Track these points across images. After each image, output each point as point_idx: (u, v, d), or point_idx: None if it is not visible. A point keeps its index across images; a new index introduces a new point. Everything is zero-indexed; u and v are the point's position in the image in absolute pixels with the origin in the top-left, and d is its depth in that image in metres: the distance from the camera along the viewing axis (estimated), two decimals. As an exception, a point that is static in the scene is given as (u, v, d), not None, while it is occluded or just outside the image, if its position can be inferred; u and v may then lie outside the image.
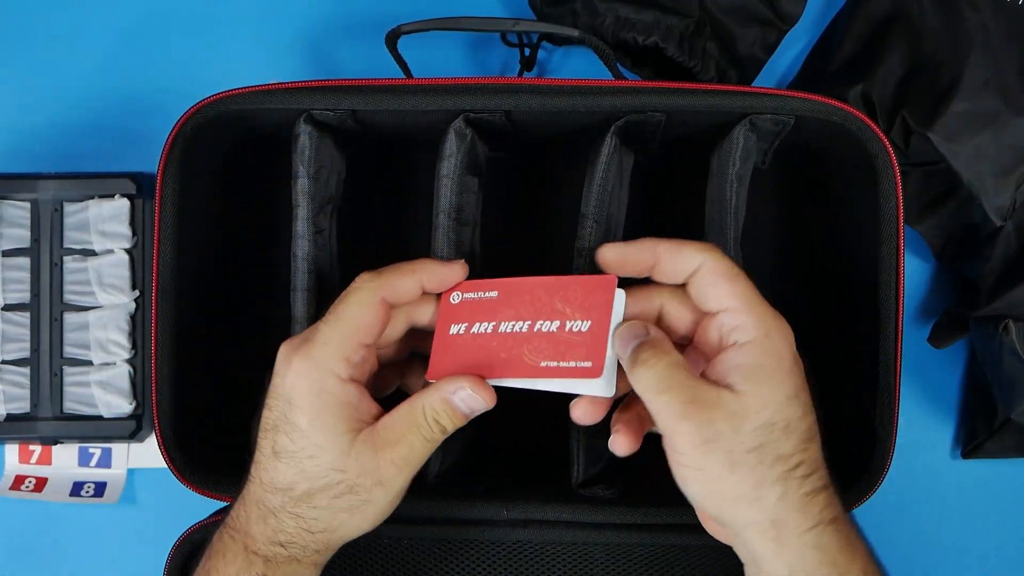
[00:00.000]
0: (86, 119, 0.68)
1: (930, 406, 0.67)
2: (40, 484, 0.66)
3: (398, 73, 0.60)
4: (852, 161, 0.55)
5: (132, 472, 0.68)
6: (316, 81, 0.53)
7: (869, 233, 0.54)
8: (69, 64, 0.68)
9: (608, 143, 0.52)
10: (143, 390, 0.65)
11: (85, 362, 0.65)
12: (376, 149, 0.59)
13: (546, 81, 0.53)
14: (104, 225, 0.64)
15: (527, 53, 0.66)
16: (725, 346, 0.45)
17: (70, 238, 0.65)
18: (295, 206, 0.53)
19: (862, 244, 0.55)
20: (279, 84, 0.53)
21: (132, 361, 0.65)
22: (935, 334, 0.64)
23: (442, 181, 0.52)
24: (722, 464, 0.43)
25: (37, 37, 0.69)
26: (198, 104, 0.53)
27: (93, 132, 0.68)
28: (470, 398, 0.47)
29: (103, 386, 0.64)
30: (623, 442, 0.48)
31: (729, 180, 0.52)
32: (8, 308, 0.65)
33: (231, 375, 0.60)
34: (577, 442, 0.53)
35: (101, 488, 0.66)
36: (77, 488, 0.66)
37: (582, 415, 0.48)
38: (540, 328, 0.47)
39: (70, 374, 0.65)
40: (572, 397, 0.48)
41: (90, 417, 0.65)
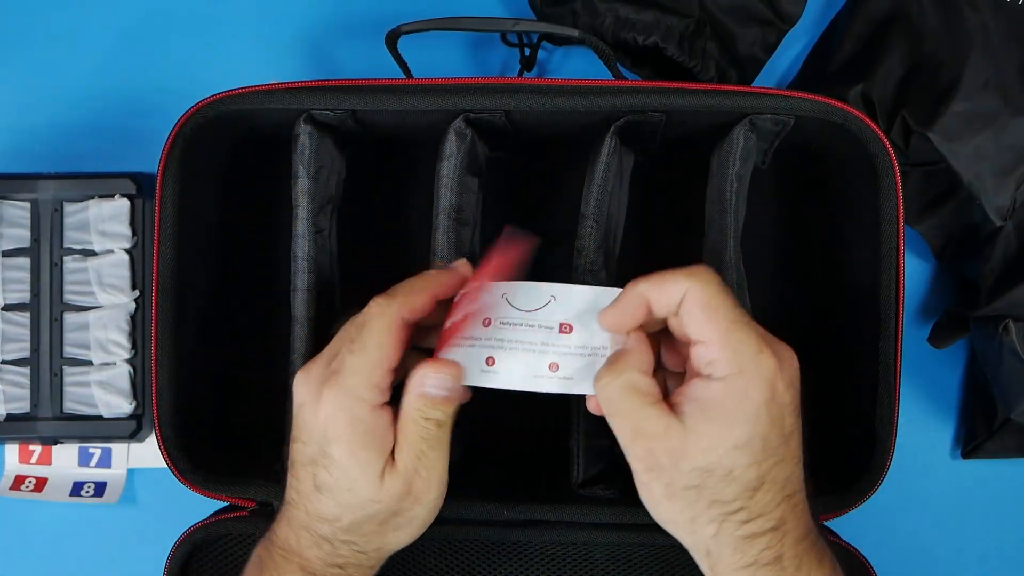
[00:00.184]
0: (86, 119, 0.68)
1: (930, 406, 0.67)
2: (40, 484, 0.66)
3: (398, 73, 0.60)
4: (852, 161, 0.55)
5: (132, 472, 0.68)
6: (316, 81, 0.53)
7: (869, 233, 0.54)
8: (69, 64, 0.68)
9: (608, 143, 0.52)
10: (143, 390, 0.65)
11: (85, 362, 0.65)
12: (376, 149, 0.59)
13: (546, 81, 0.53)
14: (104, 225, 0.64)
15: (527, 53, 0.66)
16: (700, 375, 0.44)
17: (70, 238, 0.64)
18: (295, 206, 0.53)
19: (862, 244, 0.55)
20: (279, 84, 0.53)
21: (132, 361, 0.65)
22: (935, 334, 0.64)
23: (442, 181, 0.52)
24: (661, 492, 0.43)
25: (37, 37, 0.69)
26: (198, 104, 0.53)
27: (93, 132, 0.68)
28: (436, 380, 0.47)
29: (103, 386, 0.64)
30: None
31: (729, 180, 0.52)
32: (8, 308, 0.65)
33: (231, 375, 0.60)
34: (577, 442, 0.53)
35: (101, 488, 0.66)
36: (77, 488, 0.66)
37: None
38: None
39: (70, 374, 0.65)
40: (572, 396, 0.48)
41: (90, 417, 0.65)
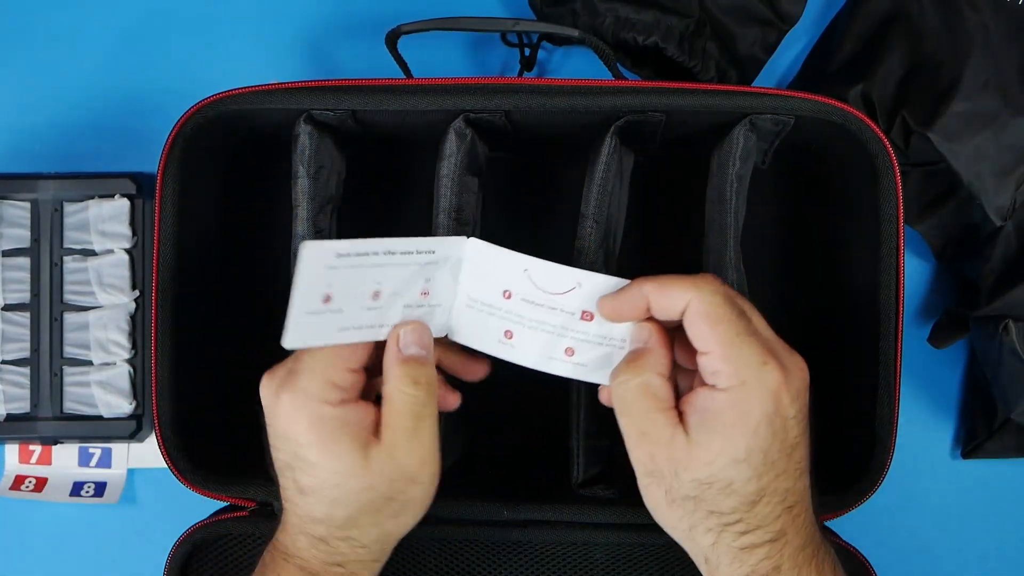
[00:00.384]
0: (86, 119, 0.68)
1: (930, 406, 0.67)
2: (40, 484, 0.66)
3: (398, 73, 0.60)
4: (852, 161, 0.55)
5: (132, 472, 0.68)
6: (316, 81, 0.53)
7: (869, 233, 0.54)
8: (69, 64, 0.68)
9: (608, 143, 0.52)
10: (143, 390, 0.65)
11: (85, 362, 0.65)
12: (376, 149, 0.59)
13: (546, 81, 0.53)
14: (104, 225, 0.64)
15: (527, 53, 0.66)
16: (705, 384, 0.44)
17: (70, 238, 0.64)
18: (295, 206, 0.53)
19: (862, 244, 0.55)
20: (279, 84, 0.53)
21: (132, 361, 0.65)
22: (935, 334, 0.64)
23: (442, 181, 0.52)
24: (661, 497, 0.44)
25: (37, 37, 0.69)
26: (198, 104, 0.53)
27: (93, 132, 0.68)
28: (410, 336, 0.46)
29: (103, 386, 0.64)
30: None
31: (729, 180, 0.52)
32: (8, 308, 0.65)
33: (231, 375, 0.59)
34: (577, 442, 0.53)
35: (101, 488, 0.66)
36: (77, 488, 0.66)
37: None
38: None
39: (70, 374, 0.65)
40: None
41: (90, 417, 0.65)
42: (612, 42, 0.61)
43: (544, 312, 0.48)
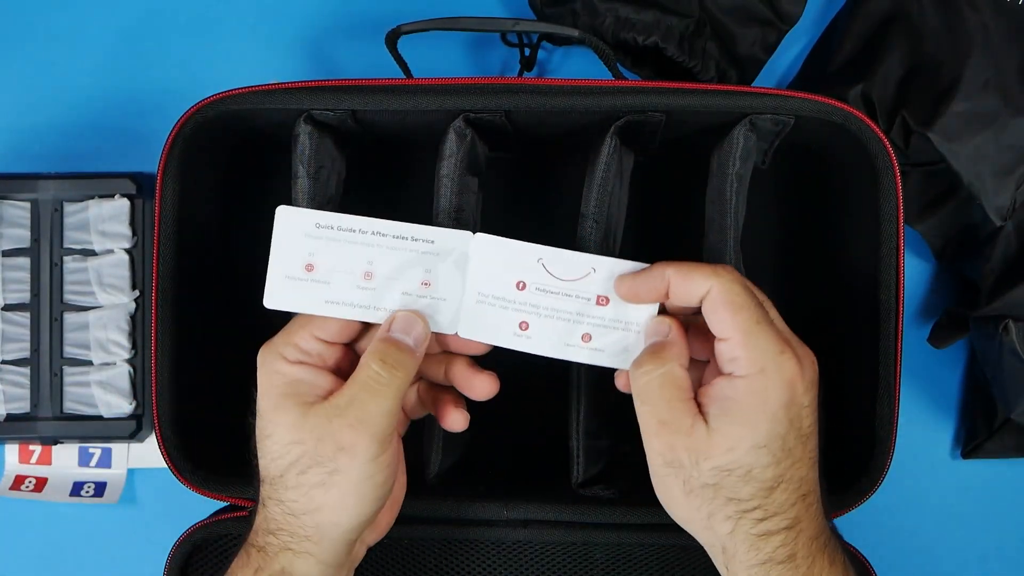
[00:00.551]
0: (86, 119, 0.68)
1: (930, 406, 0.67)
2: (40, 484, 0.66)
3: (398, 73, 0.60)
4: (852, 161, 0.55)
5: (132, 472, 0.68)
6: (316, 81, 0.53)
7: (869, 233, 0.54)
8: (69, 64, 0.68)
9: (608, 143, 0.52)
10: (143, 390, 0.65)
11: (85, 362, 0.65)
12: (376, 149, 0.59)
13: (546, 81, 0.53)
14: (104, 225, 0.64)
15: (527, 53, 0.66)
16: (723, 373, 0.45)
17: (70, 238, 0.65)
18: (295, 206, 0.53)
19: (862, 244, 0.55)
20: (279, 84, 0.53)
21: (132, 361, 0.65)
22: (935, 334, 0.64)
23: (442, 181, 0.52)
24: (678, 488, 0.44)
25: (37, 37, 0.69)
26: (198, 104, 0.53)
27: (93, 132, 0.68)
28: (402, 322, 0.47)
29: (103, 386, 0.64)
30: None
31: (729, 180, 0.52)
32: (8, 308, 0.65)
33: (231, 375, 0.59)
34: (577, 442, 0.53)
35: (101, 488, 0.66)
36: (77, 488, 0.66)
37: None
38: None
39: (70, 374, 0.65)
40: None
41: (90, 417, 0.65)
42: (612, 42, 0.61)
43: (560, 300, 0.48)
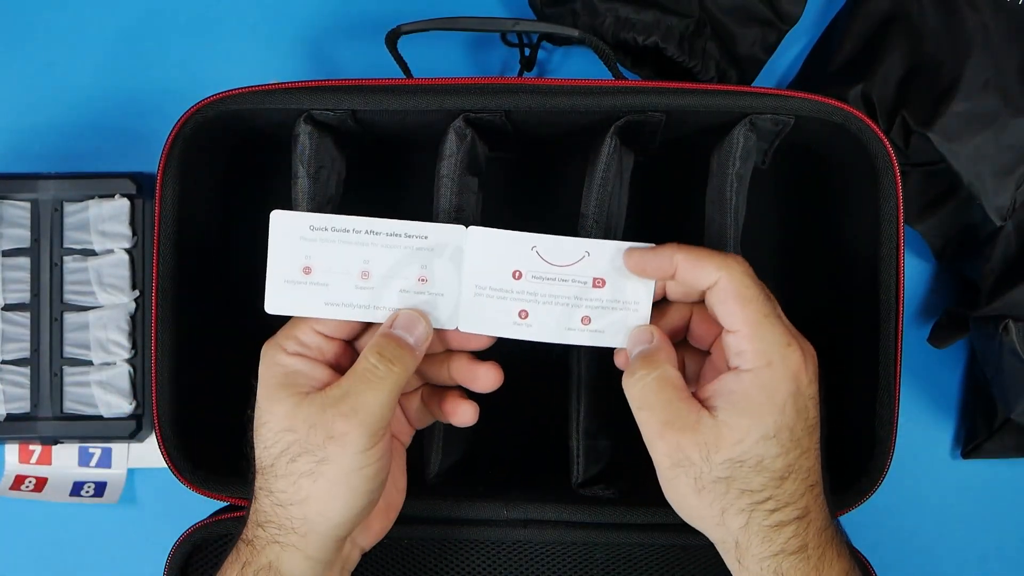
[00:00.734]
0: (86, 119, 0.68)
1: (930, 406, 0.67)
2: (40, 484, 0.66)
3: (398, 73, 0.60)
4: (852, 161, 0.55)
5: (132, 472, 0.68)
6: (316, 81, 0.53)
7: (869, 233, 0.54)
8: (69, 64, 0.68)
9: (608, 143, 0.52)
10: (143, 390, 0.65)
11: (85, 362, 0.65)
12: (376, 149, 0.59)
13: (546, 81, 0.53)
14: (104, 225, 0.64)
15: (527, 53, 0.66)
16: (728, 367, 0.45)
17: (70, 238, 0.64)
18: (295, 206, 0.53)
19: (862, 244, 0.55)
20: (279, 84, 0.53)
21: (132, 361, 0.65)
22: (935, 334, 0.64)
23: (442, 181, 0.52)
24: (689, 487, 0.44)
25: (37, 37, 0.69)
26: (198, 104, 0.53)
27: (93, 132, 0.68)
28: (404, 320, 0.48)
29: (103, 386, 0.64)
30: None
31: (729, 180, 0.52)
32: (8, 308, 0.65)
33: (231, 375, 0.59)
34: (577, 442, 0.53)
35: (101, 488, 0.66)
36: (77, 488, 0.66)
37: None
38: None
39: (70, 374, 0.65)
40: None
41: (90, 417, 0.65)
42: (612, 42, 0.61)
43: (557, 285, 0.49)
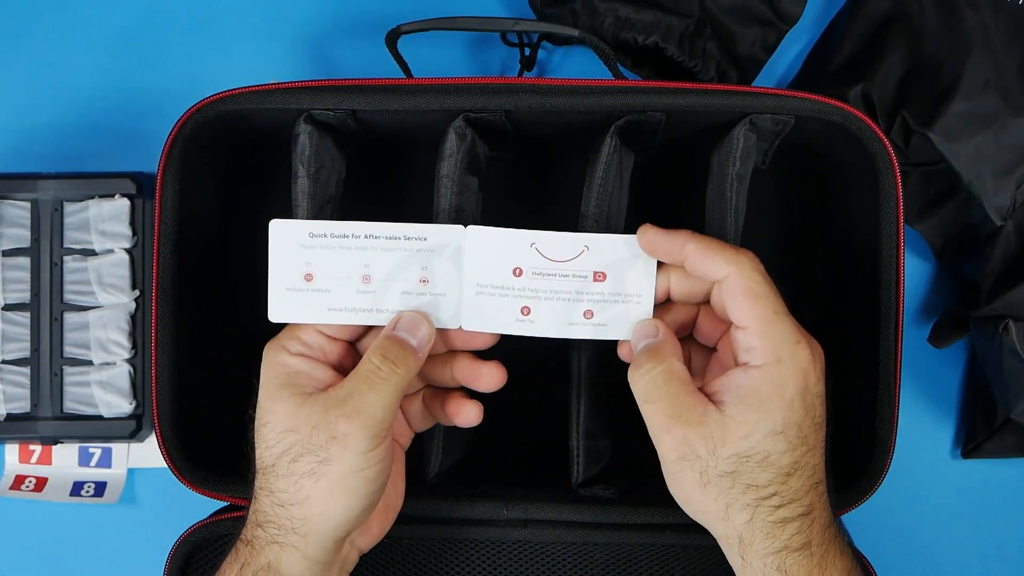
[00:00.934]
0: (86, 119, 0.68)
1: (930, 406, 0.67)
2: (40, 484, 0.66)
3: (398, 73, 0.60)
4: (852, 161, 0.55)
5: (132, 472, 0.68)
6: (316, 81, 0.53)
7: (869, 233, 0.54)
8: (69, 64, 0.68)
9: (608, 143, 0.52)
10: (143, 390, 0.65)
11: (85, 362, 0.65)
12: (376, 149, 0.59)
13: (546, 81, 0.53)
14: (104, 225, 0.64)
15: (527, 53, 0.66)
16: (737, 363, 0.45)
17: (70, 238, 0.65)
18: (295, 206, 0.53)
19: (862, 244, 0.55)
20: (279, 84, 0.53)
21: (132, 361, 0.65)
22: (935, 334, 0.64)
23: (442, 181, 0.52)
24: (694, 481, 0.44)
25: (37, 37, 0.69)
26: (198, 104, 0.53)
27: (93, 132, 0.68)
28: (406, 321, 0.48)
29: (103, 386, 0.64)
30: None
31: (729, 180, 0.52)
32: (8, 308, 0.65)
33: (231, 375, 0.59)
34: (577, 442, 0.53)
35: (101, 488, 0.66)
36: (77, 488, 0.66)
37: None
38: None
39: (70, 374, 0.65)
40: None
41: (90, 417, 0.65)
42: (612, 42, 0.61)
43: (557, 281, 0.49)
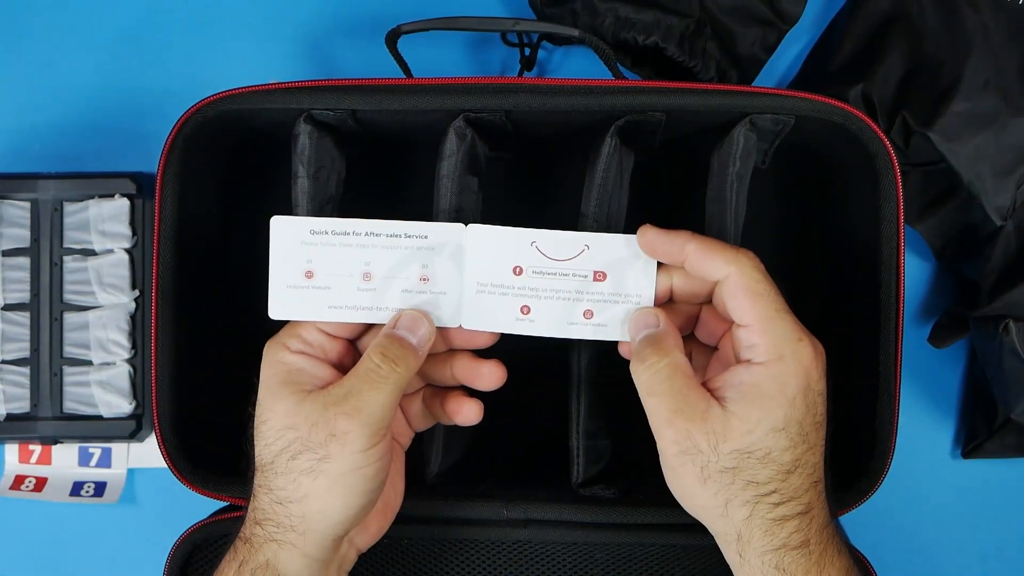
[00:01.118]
0: (86, 119, 0.68)
1: (930, 406, 0.67)
2: (40, 484, 0.66)
3: (398, 73, 0.60)
4: (852, 161, 0.55)
5: (132, 472, 0.68)
6: (316, 81, 0.53)
7: (869, 233, 0.54)
8: (69, 64, 0.68)
9: (608, 143, 0.52)
10: (143, 390, 0.65)
11: (85, 362, 0.65)
12: (376, 149, 0.59)
13: (546, 81, 0.53)
14: (104, 225, 0.64)
15: (527, 53, 0.66)
16: (738, 360, 0.45)
17: (70, 238, 0.65)
18: (295, 206, 0.53)
19: (862, 244, 0.55)
20: (279, 84, 0.53)
21: (132, 361, 0.65)
22: (935, 334, 0.64)
23: (442, 181, 0.52)
24: (695, 476, 0.44)
25: (37, 37, 0.69)
26: (198, 104, 0.53)
27: (93, 132, 0.68)
28: (406, 320, 0.48)
29: (103, 386, 0.64)
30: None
31: (729, 180, 0.52)
32: (8, 308, 0.65)
33: (231, 375, 0.59)
34: (577, 442, 0.53)
35: (101, 488, 0.66)
36: (77, 488, 0.66)
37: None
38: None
39: (70, 374, 0.65)
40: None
41: (90, 417, 0.65)
42: (612, 42, 0.61)
43: (558, 280, 0.49)
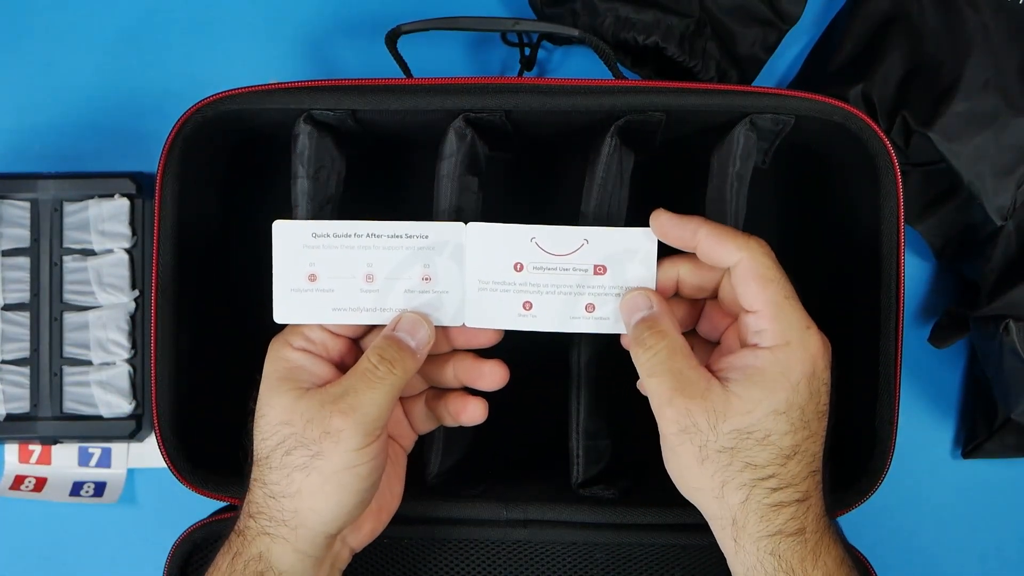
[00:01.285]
0: (86, 119, 0.68)
1: (930, 406, 0.67)
2: (40, 484, 0.66)
3: (398, 73, 0.60)
4: (852, 161, 0.55)
5: (132, 472, 0.68)
6: (316, 81, 0.53)
7: (869, 233, 0.54)
8: (69, 64, 0.68)
9: (608, 143, 0.52)
10: (143, 390, 0.65)
11: (85, 362, 0.65)
12: (376, 149, 0.59)
13: (546, 81, 0.53)
14: (104, 225, 0.64)
15: (527, 53, 0.66)
16: (746, 344, 0.45)
17: (70, 238, 0.65)
18: (295, 206, 0.53)
19: (862, 244, 0.55)
20: (279, 84, 0.53)
21: (132, 361, 0.65)
22: (935, 334, 0.64)
23: (442, 181, 0.52)
24: (692, 455, 0.44)
25: (37, 37, 0.69)
26: (198, 104, 0.53)
27: (93, 132, 0.68)
28: (406, 323, 0.48)
29: (103, 386, 0.64)
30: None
31: (729, 180, 0.52)
32: (8, 308, 0.65)
33: (231, 375, 0.59)
34: (577, 442, 0.53)
35: (101, 488, 0.66)
36: (77, 488, 0.66)
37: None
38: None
39: (70, 374, 0.65)
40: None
41: (90, 417, 0.65)
42: (612, 42, 0.61)
43: (558, 275, 0.49)
